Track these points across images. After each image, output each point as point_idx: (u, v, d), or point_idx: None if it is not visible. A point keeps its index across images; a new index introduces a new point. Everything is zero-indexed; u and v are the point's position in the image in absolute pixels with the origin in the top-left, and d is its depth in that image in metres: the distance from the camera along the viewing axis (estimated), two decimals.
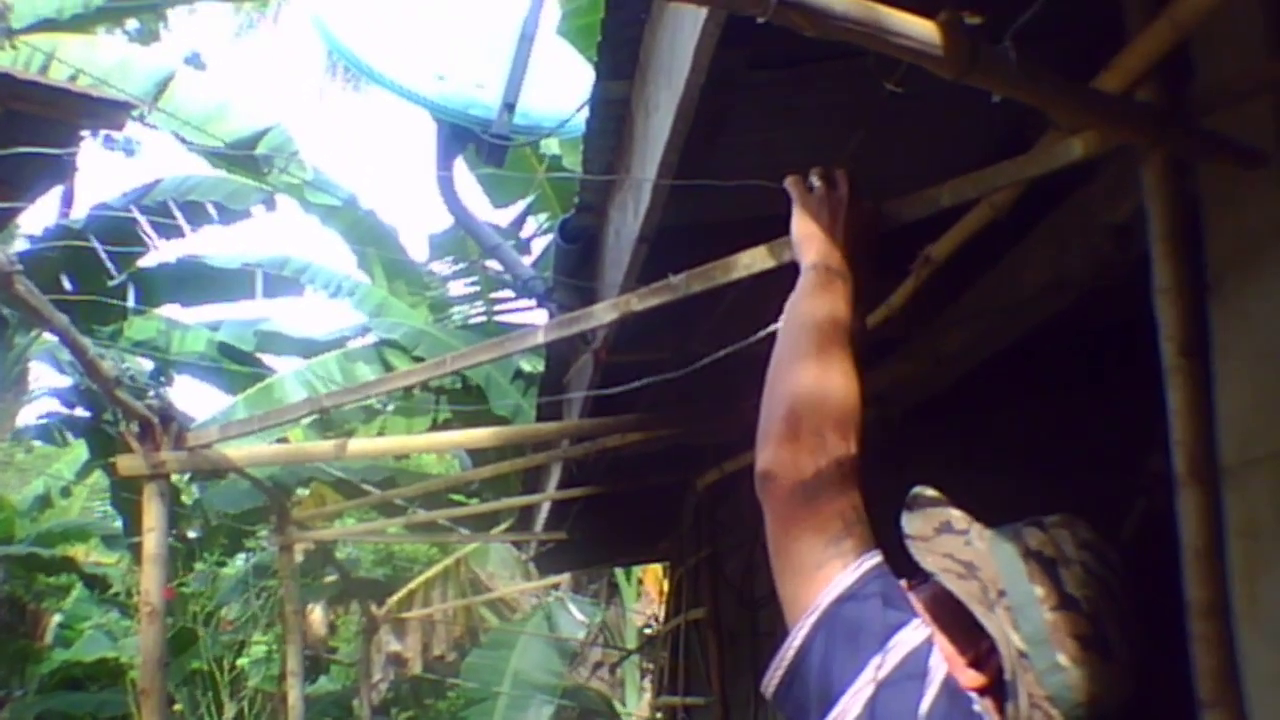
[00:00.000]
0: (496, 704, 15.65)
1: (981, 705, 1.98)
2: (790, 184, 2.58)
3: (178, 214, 11.36)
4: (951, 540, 2.12)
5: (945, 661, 1.96)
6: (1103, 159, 2.93)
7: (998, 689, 1.99)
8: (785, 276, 2.54)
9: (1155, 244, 2.58)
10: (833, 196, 2.50)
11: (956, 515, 2.17)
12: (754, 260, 3.15)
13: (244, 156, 12.97)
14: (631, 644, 16.79)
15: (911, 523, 2.15)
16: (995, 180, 2.85)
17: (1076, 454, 5.41)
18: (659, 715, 11.07)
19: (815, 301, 2.30)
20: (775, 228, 2.74)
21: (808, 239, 2.46)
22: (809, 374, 2.17)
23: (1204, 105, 2.54)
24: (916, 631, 1.95)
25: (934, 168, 2.96)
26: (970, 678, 2.00)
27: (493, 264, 14.00)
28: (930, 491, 2.22)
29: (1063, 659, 1.96)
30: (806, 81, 3.37)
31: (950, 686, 1.93)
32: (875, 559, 2.01)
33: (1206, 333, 2.59)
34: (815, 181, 2.56)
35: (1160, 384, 2.59)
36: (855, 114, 3.48)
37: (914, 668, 1.92)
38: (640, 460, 7.02)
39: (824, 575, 2.00)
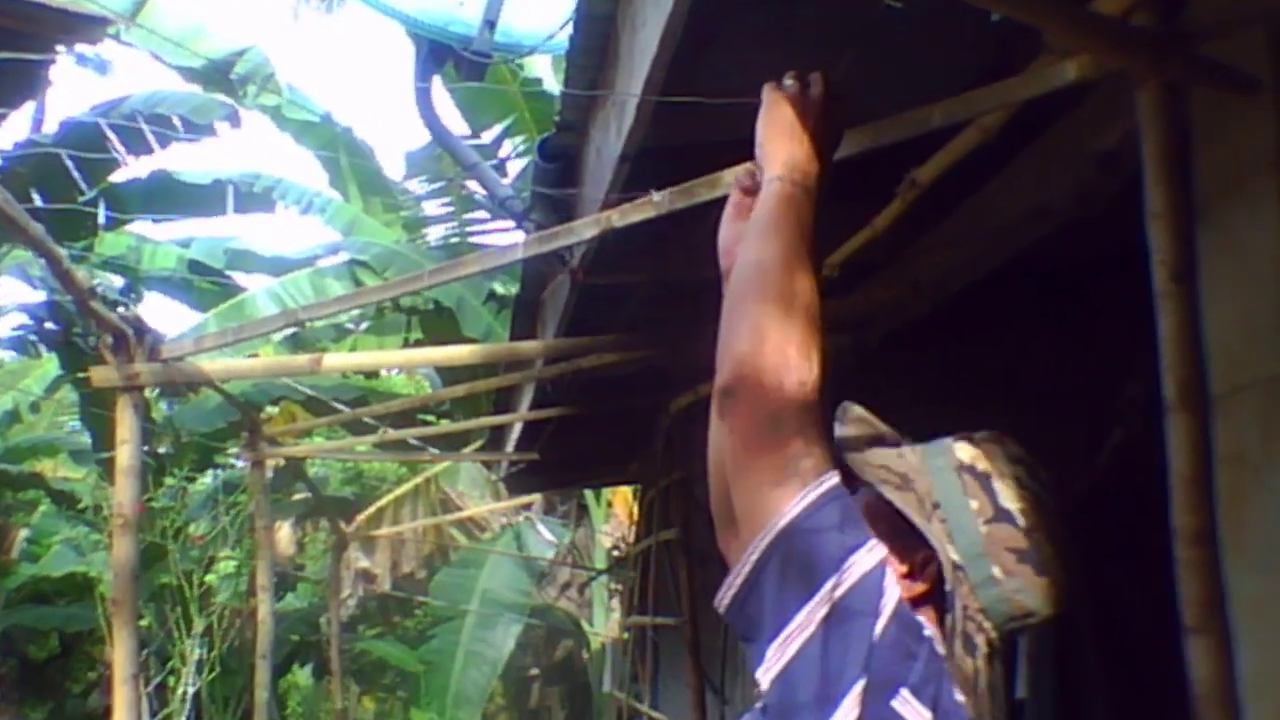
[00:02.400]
0: (465, 622, 15.73)
1: (923, 615, 1.98)
2: (766, 89, 2.50)
3: (144, 128, 11.27)
4: (884, 453, 2.10)
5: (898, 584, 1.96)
6: (1090, 87, 2.92)
7: (938, 599, 1.99)
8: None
9: (1149, 169, 2.57)
10: (805, 98, 2.41)
11: (886, 430, 2.16)
12: None
13: (220, 78, 12.89)
14: (600, 565, 16.84)
15: (842, 434, 2.13)
16: (987, 101, 2.84)
17: (1054, 383, 5.43)
18: (627, 634, 11.11)
19: (781, 216, 2.24)
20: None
21: (774, 144, 2.35)
22: (773, 291, 2.11)
23: (1198, 32, 2.52)
24: (871, 554, 1.92)
25: (924, 91, 2.94)
26: (908, 588, 1.98)
27: (469, 185, 13.92)
28: (858, 408, 2.19)
29: (997, 572, 1.95)
30: (797, 0, 3.34)
31: (902, 612, 1.90)
32: (833, 480, 1.96)
33: (1196, 259, 2.59)
34: (788, 82, 2.49)
35: (1137, 314, 2.59)
36: (846, 35, 3.44)
37: (868, 591, 1.89)
38: (613, 382, 7.00)
39: (781, 495, 1.95)
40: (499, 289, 13.37)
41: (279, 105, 14.01)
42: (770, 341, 2.04)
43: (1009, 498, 1.97)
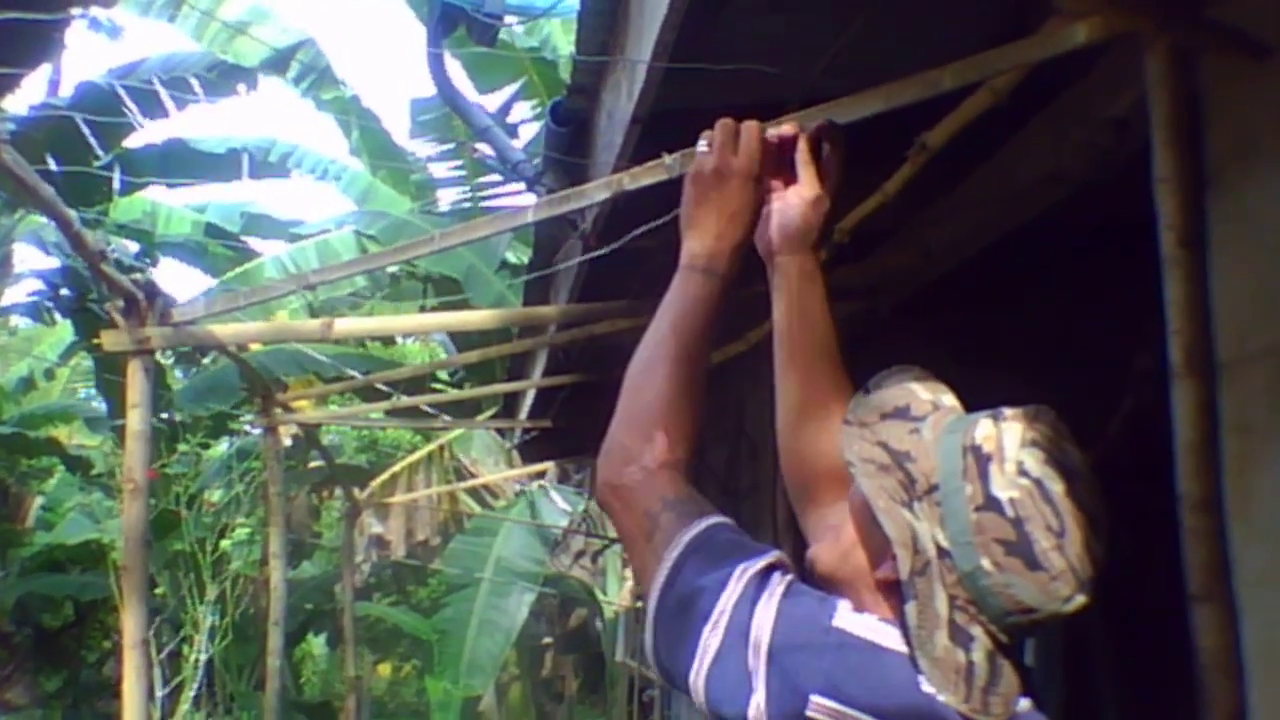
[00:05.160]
0: (478, 590, 15.75)
1: (862, 607, 1.97)
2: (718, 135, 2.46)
3: (161, 91, 11.27)
4: (895, 427, 2.03)
5: (781, 585, 1.97)
6: (1102, 51, 2.91)
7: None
8: (786, 147, 2.50)
9: (1157, 133, 2.56)
10: (729, 165, 2.40)
11: (922, 400, 2.07)
12: None
13: (279, 70, 12.95)
14: (613, 533, 16.86)
15: (856, 409, 2.09)
16: (998, 63, 2.82)
17: (1065, 351, 5.41)
18: (640, 603, 11.12)
19: (670, 304, 2.34)
20: (773, 112, 2.70)
21: (685, 228, 2.41)
22: (633, 382, 2.28)
23: None
24: (741, 580, 1.96)
25: (936, 53, 2.92)
26: (890, 568, 1.97)
27: (479, 149, 13.91)
28: (908, 372, 2.14)
29: (987, 564, 1.85)
30: None
31: (797, 615, 1.93)
32: (689, 535, 2.05)
33: (1204, 226, 2.57)
34: (701, 146, 2.45)
35: (1151, 283, 2.58)
36: None
37: (740, 615, 1.93)
38: (627, 349, 6.99)
39: (648, 577, 2.06)
40: (511, 257, 13.38)
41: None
42: (615, 444, 2.22)
43: (1001, 485, 1.87)
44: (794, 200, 2.44)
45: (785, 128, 2.47)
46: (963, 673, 1.86)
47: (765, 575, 1.97)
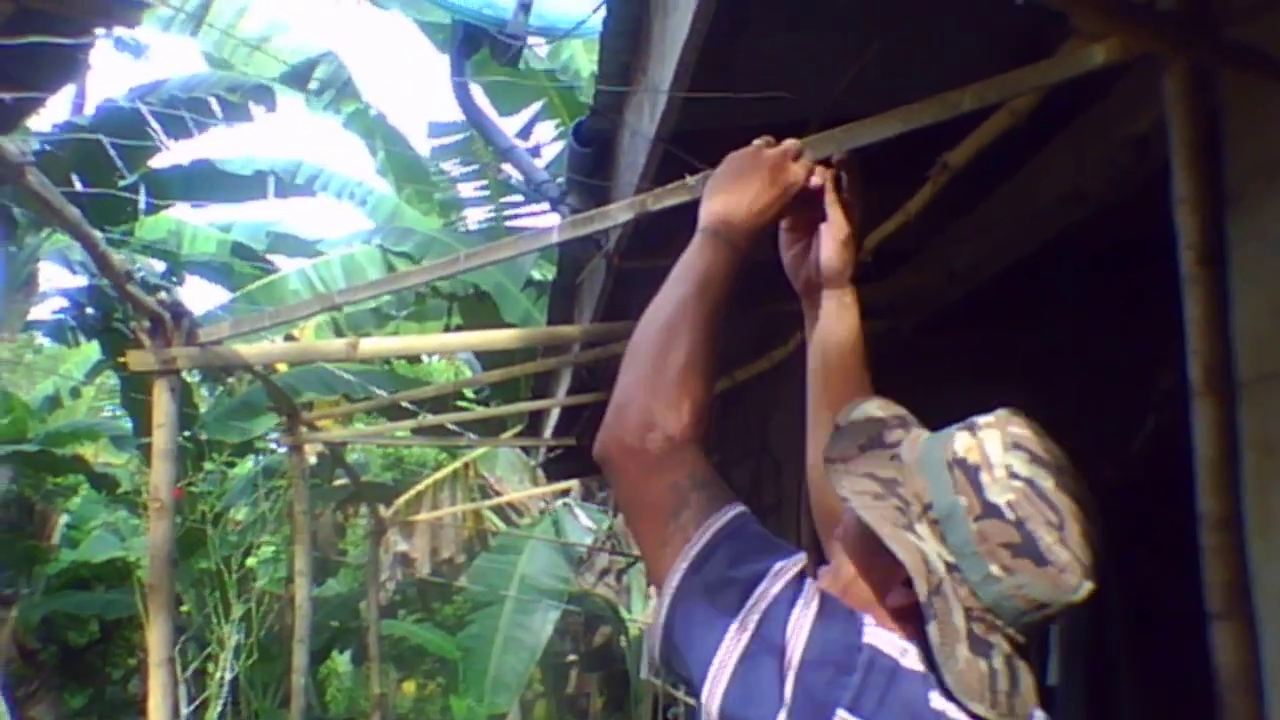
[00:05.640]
0: (503, 608, 15.75)
1: (901, 624, 1.97)
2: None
3: (185, 115, 11.32)
4: (875, 457, 2.06)
5: (816, 596, 1.95)
6: (1122, 70, 2.91)
7: (920, 611, 1.93)
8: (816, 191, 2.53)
9: (1176, 153, 2.56)
10: (786, 167, 2.44)
11: (891, 427, 2.12)
12: None
13: (298, 84, 12.99)
14: (638, 551, 16.83)
15: (834, 446, 2.10)
16: (1017, 85, 2.84)
17: (1089, 370, 5.41)
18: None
19: (688, 268, 2.29)
20: (793, 131, 2.72)
21: (712, 196, 2.42)
22: (650, 348, 2.20)
23: (1226, 15, 2.51)
24: (778, 578, 1.94)
25: (955, 75, 2.93)
26: (902, 594, 1.96)
27: (504, 169, 13.94)
28: (863, 407, 2.17)
29: (995, 569, 1.89)
30: None
31: (825, 628, 1.91)
32: (721, 520, 2.01)
33: (1224, 246, 2.58)
34: (757, 142, 2.49)
35: (1174, 302, 2.58)
36: (877, 17, 3.44)
37: (776, 621, 1.91)
38: None
39: (670, 553, 2.01)
40: (536, 275, 13.40)
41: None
42: (635, 404, 2.13)
43: (996, 491, 1.91)
44: (828, 241, 2.51)
45: (814, 179, 2.50)
46: (986, 681, 1.88)
47: (799, 581, 1.96)
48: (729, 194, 2.39)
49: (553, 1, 5.88)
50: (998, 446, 1.96)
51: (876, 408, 2.16)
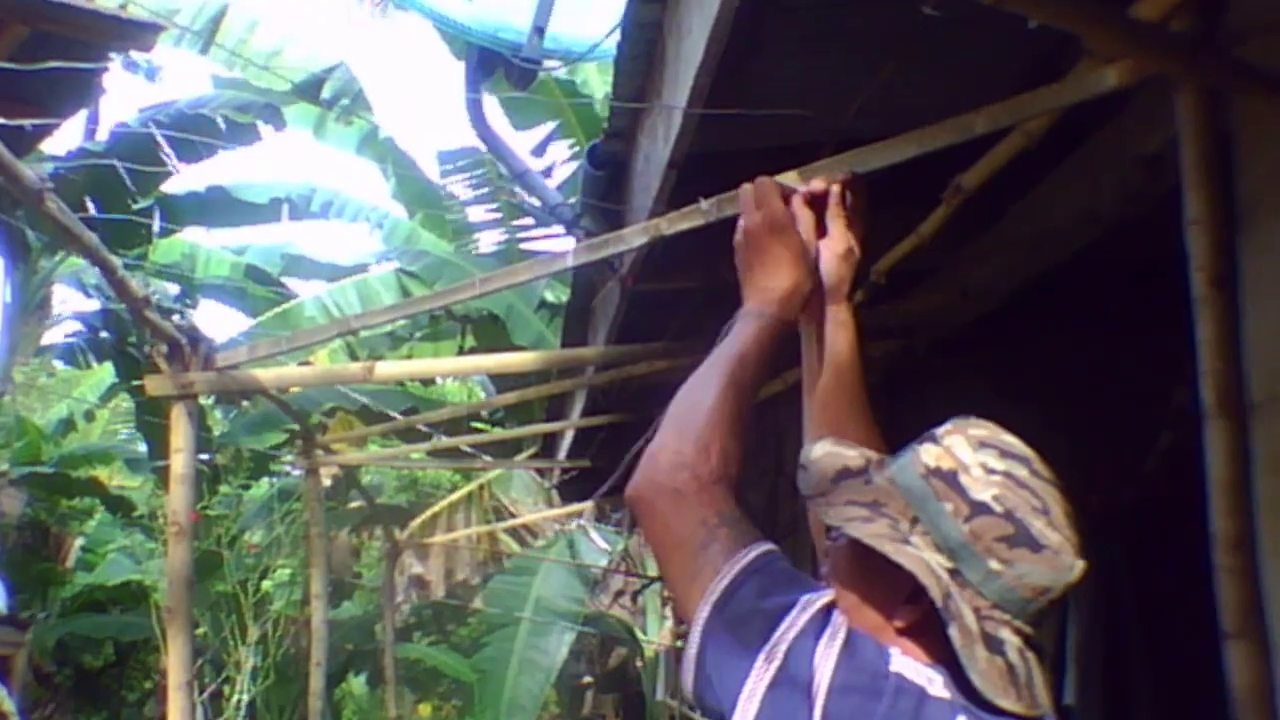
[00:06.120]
0: (518, 630, 15.73)
1: (915, 645, 1.98)
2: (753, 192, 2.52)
3: (193, 138, 11.36)
4: (850, 485, 2.09)
5: (843, 628, 1.96)
6: (1134, 91, 2.92)
7: (930, 625, 1.95)
8: (817, 203, 2.55)
9: (1187, 174, 2.57)
10: (778, 216, 2.45)
11: (851, 456, 2.14)
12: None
13: (309, 97, 13.00)
14: (653, 572, 16.83)
15: (805, 484, 2.14)
16: (1030, 108, 2.85)
17: (1102, 389, 5.41)
18: (680, 643, 11.11)
19: (726, 346, 2.35)
20: (807, 154, 2.74)
21: (747, 285, 2.46)
22: (689, 401, 2.24)
23: (1238, 36, 2.53)
24: (805, 611, 1.96)
25: (967, 97, 2.95)
26: (908, 613, 1.98)
27: (518, 191, 13.94)
28: (819, 446, 2.18)
29: (994, 564, 1.92)
30: (841, 6, 3.35)
31: (853, 657, 1.92)
32: (749, 555, 2.03)
33: (1236, 266, 2.58)
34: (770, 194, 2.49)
35: (1187, 321, 2.59)
36: (889, 41, 3.46)
37: (802, 654, 1.92)
38: (665, 389, 7.02)
39: (699, 586, 2.03)
40: (549, 297, 13.40)
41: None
42: (667, 448, 2.17)
43: (979, 489, 1.95)
44: (826, 255, 2.55)
45: (815, 184, 2.51)
46: (1007, 676, 1.90)
47: (826, 613, 1.98)
48: (753, 283, 2.44)
49: (567, 25, 5.90)
50: (966, 449, 1.99)
51: (833, 444, 2.19)
